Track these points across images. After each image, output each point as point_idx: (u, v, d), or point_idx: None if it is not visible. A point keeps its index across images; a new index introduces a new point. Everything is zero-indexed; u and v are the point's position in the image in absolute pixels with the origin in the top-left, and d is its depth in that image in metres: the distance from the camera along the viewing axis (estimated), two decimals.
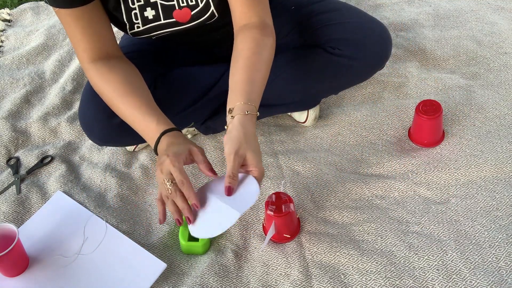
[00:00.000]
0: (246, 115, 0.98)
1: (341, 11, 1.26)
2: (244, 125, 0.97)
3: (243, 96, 0.99)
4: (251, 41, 1.04)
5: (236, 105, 0.98)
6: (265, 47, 1.05)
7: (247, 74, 1.01)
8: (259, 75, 1.03)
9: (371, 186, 1.21)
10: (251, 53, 1.03)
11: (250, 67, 1.02)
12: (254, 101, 1.00)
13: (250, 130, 0.97)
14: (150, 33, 1.15)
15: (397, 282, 1.02)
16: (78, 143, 1.45)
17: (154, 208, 1.25)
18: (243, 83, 1.00)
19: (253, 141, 0.98)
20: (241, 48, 1.05)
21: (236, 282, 1.07)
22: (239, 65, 1.03)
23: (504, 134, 1.28)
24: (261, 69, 1.03)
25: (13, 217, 1.26)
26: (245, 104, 0.98)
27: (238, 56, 1.05)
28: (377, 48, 1.25)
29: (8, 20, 2.00)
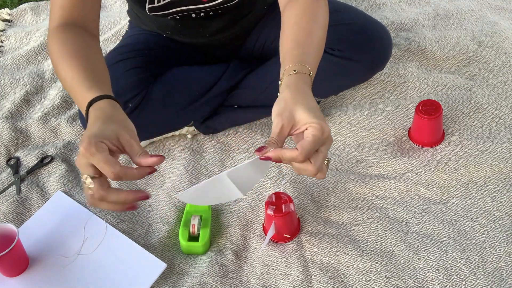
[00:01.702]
0: (295, 75, 0.82)
1: (340, 12, 1.26)
2: (291, 84, 0.81)
3: (292, 59, 0.84)
4: (299, 8, 0.92)
5: (286, 69, 0.84)
6: (315, 10, 0.92)
7: (295, 40, 0.88)
8: (311, 39, 0.88)
9: (371, 186, 1.21)
10: (298, 19, 0.90)
11: (299, 32, 0.89)
12: (306, 62, 0.84)
13: (300, 88, 0.81)
14: (168, 10, 1.10)
15: (397, 282, 1.02)
16: (78, 143, 1.45)
17: (154, 208, 1.25)
18: (292, 48, 0.87)
19: (304, 99, 0.79)
20: (288, 17, 0.92)
21: (236, 282, 1.07)
22: (286, 33, 0.90)
23: (504, 134, 1.28)
24: (313, 32, 0.89)
25: (13, 217, 1.26)
26: (294, 65, 0.83)
27: (285, 24, 0.92)
28: (377, 49, 1.26)
29: (8, 20, 2.00)
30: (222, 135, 1.41)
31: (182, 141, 1.42)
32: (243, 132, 1.41)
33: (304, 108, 0.77)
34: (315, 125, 0.76)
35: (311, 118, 0.76)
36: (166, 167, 1.34)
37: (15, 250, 1.07)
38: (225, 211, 1.21)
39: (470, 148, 1.25)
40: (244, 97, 1.34)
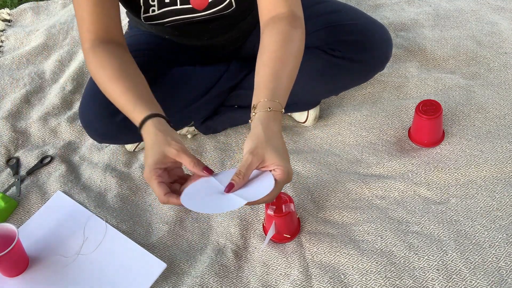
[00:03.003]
0: (269, 112, 0.90)
1: (341, 12, 1.26)
2: (264, 122, 0.89)
3: (267, 92, 0.92)
4: (277, 34, 0.97)
5: (259, 102, 0.91)
6: (292, 40, 0.97)
7: (272, 69, 0.94)
8: (286, 70, 0.95)
9: (371, 186, 1.21)
10: (277, 47, 0.96)
11: (276, 61, 0.95)
12: (279, 97, 0.92)
13: (271, 127, 0.89)
14: (164, 19, 1.12)
15: (397, 282, 1.02)
16: (78, 143, 1.45)
17: (154, 208, 1.25)
18: (268, 79, 0.93)
19: (275, 139, 0.89)
20: (267, 42, 0.98)
21: (236, 282, 1.07)
22: (264, 59, 0.96)
23: (504, 134, 1.28)
24: (288, 63, 0.95)
25: (13, 217, 1.26)
26: (268, 101, 0.91)
27: (264, 50, 0.97)
28: (378, 50, 1.25)
29: (8, 20, 2.00)
30: (222, 135, 1.41)
31: (182, 141, 1.42)
32: (243, 132, 1.41)
33: (273, 150, 0.87)
34: (282, 168, 0.86)
35: (279, 161, 0.87)
36: None
37: (15, 250, 1.07)
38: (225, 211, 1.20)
39: (470, 148, 1.25)
40: (244, 98, 1.34)
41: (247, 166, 0.86)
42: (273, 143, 0.88)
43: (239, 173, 0.87)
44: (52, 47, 1.80)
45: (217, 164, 1.33)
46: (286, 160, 0.88)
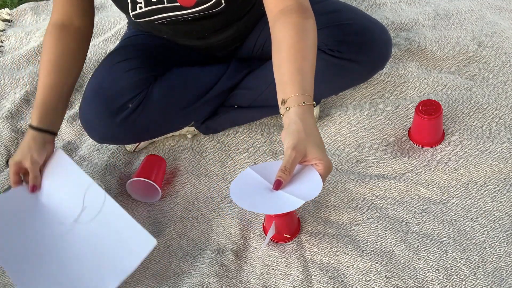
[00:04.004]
0: (303, 106, 0.91)
1: (340, 12, 1.26)
2: (302, 117, 0.91)
3: (296, 87, 0.92)
4: (292, 28, 0.97)
5: (290, 97, 0.92)
6: (307, 31, 0.98)
7: (295, 64, 0.94)
8: (308, 63, 0.95)
9: (371, 186, 1.21)
10: (294, 41, 0.96)
11: (296, 56, 0.95)
12: (308, 91, 0.93)
13: (309, 122, 0.91)
14: (152, 16, 1.14)
15: (397, 282, 1.02)
16: (78, 143, 1.45)
17: (154, 208, 1.25)
18: (293, 74, 0.94)
19: (314, 134, 0.91)
20: (282, 37, 0.97)
21: (236, 282, 1.07)
22: (283, 55, 0.96)
23: (504, 134, 1.28)
24: (308, 55, 0.96)
25: None
26: (300, 95, 0.92)
27: (281, 45, 0.97)
28: (378, 49, 1.25)
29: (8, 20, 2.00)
30: (222, 135, 1.41)
31: (182, 141, 1.42)
32: (243, 132, 1.41)
33: (314, 145, 0.90)
34: (324, 163, 0.91)
35: (320, 155, 0.90)
36: (166, 167, 1.34)
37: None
38: (225, 211, 1.21)
39: (470, 148, 1.25)
40: (244, 98, 1.34)
41: (291, 162, 0.88)
42: (312, 138, 0.91)
43: (284, 169, 0.89)
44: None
45: (217, 164, 1.33)
46: (326, 154, 0.92)
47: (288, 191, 0.90)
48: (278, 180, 0.90)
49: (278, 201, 0.90)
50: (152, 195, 1.27)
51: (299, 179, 0.91)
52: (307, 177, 0.91)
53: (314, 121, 0.93)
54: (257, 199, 0.91)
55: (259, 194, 0.92)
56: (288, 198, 0.89)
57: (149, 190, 1.28)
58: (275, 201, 0.90)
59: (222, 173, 1.31)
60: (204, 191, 1.27)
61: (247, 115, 1.39)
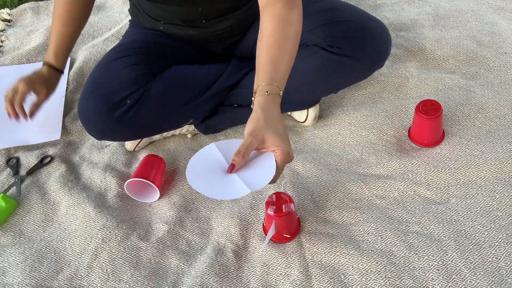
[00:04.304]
0: (267, 96, 0.94)
1: (340, 9, 1.26)
2: (263, 106, 0.93)
3: (265, 76, 0.95)
4: (274, 17, 0.99)
5: (258, 87, 0.95)
6: (290, 22, 1.00)
7: (269, 54, 0.97)
8: (283, 53, 0.97)
9: (371, 186, 1.21)
10: (274, 30, 0.98)
11: (273, 45, 0.97)
12: (277, 80, 0.95)
13: (271, 111, 0.93)
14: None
15: (397, 282, 1.02)
16: (78, 143, 1.45)
17: (154, 208, 1.25)
18: (266, 64, 0.97)
19: (274, 121, 0.93)
20: (264, 27, 1.00)
21: (236, 282, 1.07)
22: (262, 44, 0.99)
23: (504, 134, 1.28)
24: (286, 46, 0.98)
25: (13, 217, 1.26)
26: (266, 84, 0.94)
27: (262, 34, 1.00)
28: (377, 46, 1.25)
29: (8, 20, 2.00)
30: (222, 135, 1.41)
31: (182, 141, 1.42)
32: (243, 132, 1.41)
33: (273, 132, 0.91)
34: (282, 149, 0.91)
35: (278, 141, 0.91)
36: (166, 166, 1.34)
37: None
38: (225, 211, 1.21)
39: (470, 148, 1.25)
40: (244, 96, 1.34)
41: (246, 146, 0.90)
42: (272, 125, 0.92)
43: (238, 153, 0.91)
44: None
45: None
46: (286, 141, 0.92)
47: (242, 176, 0.92)
48: (232, 164, 0.92)
49: (228, 185, 0.91)
50: (150, 195, 1.27)
51: (255, 164, 0.93)
52: (263, 163, 0.93)
53: (277, 111, 0.94)
54: (209, 181, 0.93)
55: (214, 175, 0.93)
56: (239, 184, 0.91)
57: (147, 190, 1.28)
58: (225, 185, 0.91)
59: None
60: None
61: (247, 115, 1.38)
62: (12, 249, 1.19)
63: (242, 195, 0.89)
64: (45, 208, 1.28)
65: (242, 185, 0.90)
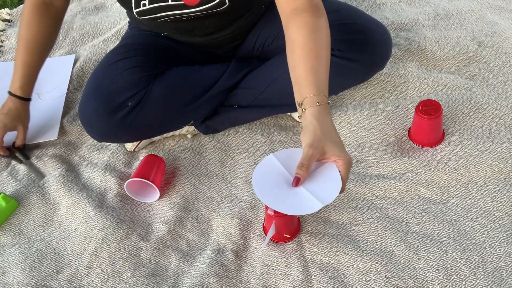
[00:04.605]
0: (318, 106, 0.94)
1: (340, 12, 1.26)
2: (318, 117, 0.93)
3: (311, 87, 0.95)
4: (304, 27, 0.98)
5: (306, 98, 0.94)
6: (320, 29, 0.99)
7: (308, 64, 0.96)
8: (321, 62, 0.98)
9: (371, 186, 1.21)
10: (307, 40, 0.98)
11: (310, 55, 0.97)
12: (323, 90, 0.96)
13: (325, 121, 0.94)
14: (156, 14, 1.15)
15: (397, 282, 1.02)
16: (78, 143, 1.45)
17: (154, 208, 1.25)
18: (307, 74, 0.96)
19: (331, 132, 0.94)
20: (295, 37, 0.99)
21: (236, 282, 1.07)
22: (297, 55, 0.98)
23: (504, 134, 1.28)
24: (322, 54, 0.98)
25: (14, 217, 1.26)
26: (315, 95, 0.94)
27: (294, 45, 0.99)
28: (378, 49, 1.25)
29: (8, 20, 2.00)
30: (222, 135, 1.41)
31: (182, 141, 1.42)
32: (243, 132, 1.41)
33: (332, 143, 0.92)
34: (342, 159, 0.92)
35: (338, 151, 0.92)
36: (166, 166, 1.34)
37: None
38: (225, 211, 1.21)
39: (470, 148, 1.25)
40: (244, 97, 1.34)
41: (308, 158, 0.90)
42: (329, 136, 0.93)
43: (301, 166, 0.91)
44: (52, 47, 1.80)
45: (217, 164, 1.33)
46: (344, 151, 0.93)
47: (309, 189, 0.92)
48: (296, 177, 0.92)
49: (298, 200, 0.92)
50: (150, 195, 1.27)
51: (319, 176, 0.94)
52: (327, 175, 0.93)
53: (331, 120, 0.95)
54: (278, 195, 0.93)
55: (280, 188, 0.94)
56: (309, 198, 0.91)
57: (147, 190, 1.28)
58: (295, 199, 0.92)
59: (222, 173, 1.31)
60: (204, 191, 1.27)
61: (247, 115, 1.39)
62: (12, 249, 1.19)
63: (316, 210, 0.90)
64: (45, 208, 1.28)
65: (313, 199, 0.91)
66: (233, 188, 1.26)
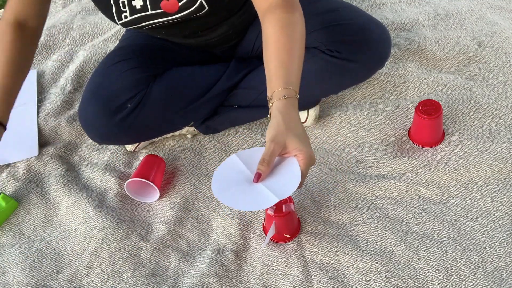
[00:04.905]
0: (284, 100, 0.93)
1: (339, 11, 1.26)
2: (282, 110, 0.92)
3: (279, 81, 0.94)
4: (276, 23, 0.99)
5: (274, 92, 0.94)
6: (293, 24, 0.99)
7: (279, 59, 0.96)
8: (293, 56, 0.97)
9: (371, 186, 1.21)
10: (279, 35, 0.98)
11: (281, 50, 0.97)
12: (292, 83, 0.95)
13: (290, 114, 0.93)
14: (139, 24, 1.15)
15: (397, 282, 1.02)
16: (78, 143, 1.45)
17: (154, 208, 1.25)
18: (277, 69, 0.96)
19: (294, 126, 0.92)
20: (268, 33, 0.99)
21: (236, 282, 1.07)
22: (269, 51, 0.98)
23: (504, 134, 1.28)
24: (293, 49, 0.98)
25: (14, 217, 1.26)
26: (282, 89, 0.94)
27: (267, 42, 1.00)
28: (377, 48, 1.25)
29: None
30: (222, 135, 1.41)
31: (182, 141, 1.42)
32: (243, 132, 1.41)
33: (294, 137, 0.90)
34: (304, 153, 0.91)
35: (300, 146, 0.90)
36: (166, 167, 1.33)
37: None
38: (225, 211, 1.21)
39: (470, 148, 1.25)
40: (244, 97, 1.34)
41: (269, 154, 0.89)
42: (293, 130, 0.91)
43: (263, 161, 0.90)
44: (52, 47, 1.80)
45: (217, 164, 1.33)
46: (307, 145, 0.92)
47: (267, 184, 0.92)
48: (257, 173, 0.91)
49: (255, 196, 0.91)
50: (150, 195, 1.27)
51: (279, 171, 0.93)
52: (287, 169, 0.92)
53: (297, 113, 0.94)
54: (236, 193, 0.92)
55: (239, 186, 0.93)
56: (266, 194, 0.90)
57: (147, 190, 1.28)
58: (252, 196, 0.91)
59: None
60: (204, 191, 1.27)
61: (247, 115, 1.39)
62: (12, 249, 1.19)
63: (271, 205, 0.89)
64: (45, 208, 1.28)
65: (270, 194, 0.90)
66: None
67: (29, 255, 1.17)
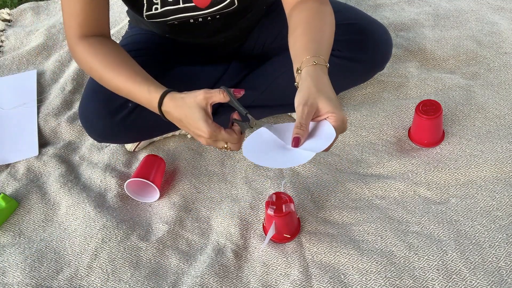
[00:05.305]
0: (314, 65, 0.89)
1: (340, 12, 1.26)
2: (312, 74, 0.88)
3: (309, 52, 0.90)
4: (308, 11, 0.96)
5: (303, 62, 0.89)
6: (324, 13, 0.97)
7: (308, 36, 0.92)
8: (324, 35, 0.93)
9: (371, 186, 1.21)
10: (310, 19, 0.95)
11: (312, 29, 0.93)
12: (322, 54, 0.91)
13: (321, 78, 0.88)
14: (167, 17, 1.14)
15: (397, 282, 1.02)
16: (78, 143, 1.45)
17: (154, 208, 1.25)
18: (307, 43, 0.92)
19: (326, 88, 0.87)
20: (298, 19, 0.96)
21: (236, 282, 1.07)
22: (298, 32, 0.94)
23: (504, 134, 1.28)
24: (323, 29, 0.94)
25: (14, 217, 1.26)
26: (312, 57, 0.89)
27: (296, 26, 0.95)
28: (378, 50, 1.25)
29: (8, 20, 2.00)
30: None
31: (182, 141, 1.42)
32: None
33: (326, 99, 0.85)
34: (336, 115, 0.85)
35: (332, 108, 0.85)
36: (166, 167, 1.33)
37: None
38: (225, 211, 1.21)
39: (470, 148, 1.25)
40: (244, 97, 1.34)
41: (305, 117, 0.85)
42: (324, 92, 0.86)
43: (300, 125, 0.85)
44: (52, 47, 1.80)
45: (217, 164, 1.33)
46: (340, 108, 0.86)
47: (303, 147, 0.87)
48: (296, 137, 0.86)
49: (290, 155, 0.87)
50: (150, 195, 1.27)
51: (313, 134, 0.88)
52: (321, 131, 0.87)
53: (327, 79, 0.89)
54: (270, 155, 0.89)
55: (273, 151, 0.89)
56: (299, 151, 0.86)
57: (147, 190, 1.28)
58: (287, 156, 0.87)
59: (222, 173, 1.31)
60: (204, 191, 1.27)
61: None
62: (12, 249, 1.19)
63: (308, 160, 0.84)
64: (45, 208, 1.28)
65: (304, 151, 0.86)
66: (233, 188, 1.26)
67: (29, 255, 1.17)
